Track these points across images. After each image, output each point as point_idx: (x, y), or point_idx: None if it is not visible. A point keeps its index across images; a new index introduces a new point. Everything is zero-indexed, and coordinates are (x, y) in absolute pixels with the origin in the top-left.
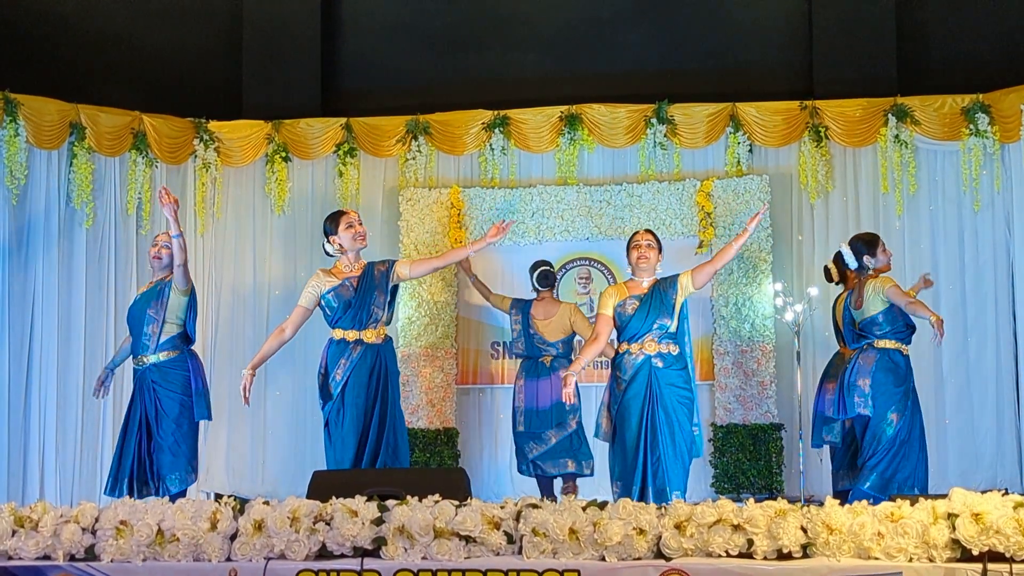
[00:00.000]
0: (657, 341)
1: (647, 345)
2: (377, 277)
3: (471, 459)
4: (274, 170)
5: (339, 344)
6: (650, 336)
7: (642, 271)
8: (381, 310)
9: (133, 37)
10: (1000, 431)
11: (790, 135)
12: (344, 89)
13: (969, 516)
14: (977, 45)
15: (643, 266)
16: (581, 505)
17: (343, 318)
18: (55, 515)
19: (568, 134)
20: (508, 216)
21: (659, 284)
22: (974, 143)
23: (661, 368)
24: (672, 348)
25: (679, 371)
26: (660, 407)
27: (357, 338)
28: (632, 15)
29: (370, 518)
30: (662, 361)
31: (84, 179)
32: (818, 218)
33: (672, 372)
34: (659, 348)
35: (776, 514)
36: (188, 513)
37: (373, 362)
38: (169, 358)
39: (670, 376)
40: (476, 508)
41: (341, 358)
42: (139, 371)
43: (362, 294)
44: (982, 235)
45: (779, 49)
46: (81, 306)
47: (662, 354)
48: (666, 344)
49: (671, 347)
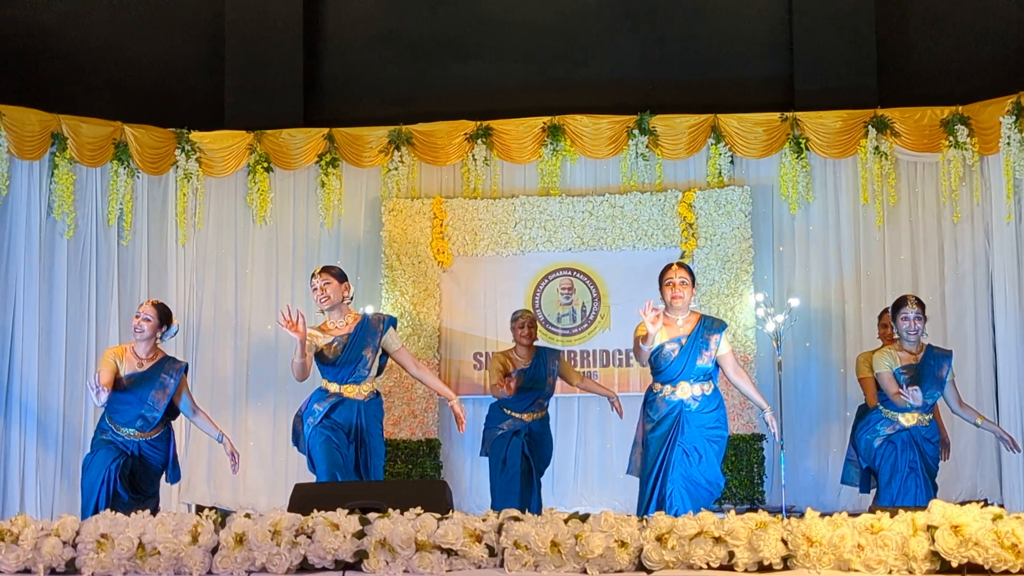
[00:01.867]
0: (692, 384)
1: (681, 389)
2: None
3: (453, 471)
4: (256, 180)
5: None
6: (686, 383)
7: (676, 310)
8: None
9: (115, 48)
10: (980, 443)
11: (771, 146)
12: (326, 100)
13: (948, 528)
14: (957, 57)
15: (678, 305)
16: (563, 518)
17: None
18: (36, 528)
19: (550, 145)
20: (491, 227)
21: (702, 326)
22: (954, 155)
23: (693, 411)
24: (707, 388)
25: (710, 413)
26: (679, 446)
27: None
28: (615, 27)
29: (352, 531)
30: (696, 403)
31: (65, 190)
32: (799, 229)
33: (704, 415)
34: (693, 391)
35: (757, 526)
36: (169, 526)
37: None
38: (156, 435)
39: (701, 419)
40: (458, 521)
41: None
42: (119, 438)
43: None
44: (962, 246)
45: (760, 61)
46: (62, 317)
47: (696, 396)
48: (701, 385)
49: (705, 387)
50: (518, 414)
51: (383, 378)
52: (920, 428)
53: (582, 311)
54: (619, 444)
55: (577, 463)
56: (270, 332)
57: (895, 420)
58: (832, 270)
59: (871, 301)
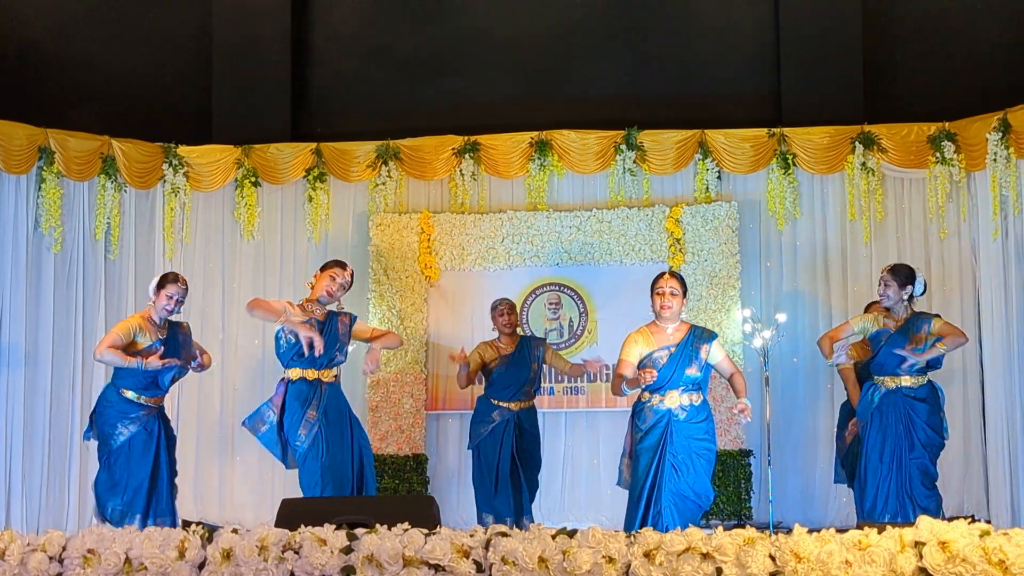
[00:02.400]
0: (681, 393)
1: (669, 398)
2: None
3: (441, 486)
4: (243, 195)
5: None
6: (675, 391)
7: (666, 320)
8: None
9: (102, 61)
10: (967, 459)
11: (758, 162)
12: (314, 114)
13: (936, 544)
14: (943, 74)
15: (666, 315)
16: (551, 533)
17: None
18: (22, 543)
19: (538, 160)
20: (478, 242)
21: (692, 335)
22: (940, 171)
23: (681, 421)
24: (695, 398)
25: (699, 423)
26: (669, 461)
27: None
28: (602, 42)
29: (339, 547)
30: (684, 413)
31: (53, 204)
32: (786, 245)
33: (692, 426)
34: (681, 400)
35: (745, 542)
36: (156, 542)
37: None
38: None
39: (690, 429)
40: (445, 536)
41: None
42: (153, 408)
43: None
44: (948, 262)
45: (747, 77)
46: (49, 331)
47: (684, 406)
48: (689, 395)
49: (694, 397)
50: (504, 403)
51: (371, 393)
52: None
53: (569, 326)
54: (606, 459)
55: (564, 478)
56: (257, 347)
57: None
58: (819, 286)
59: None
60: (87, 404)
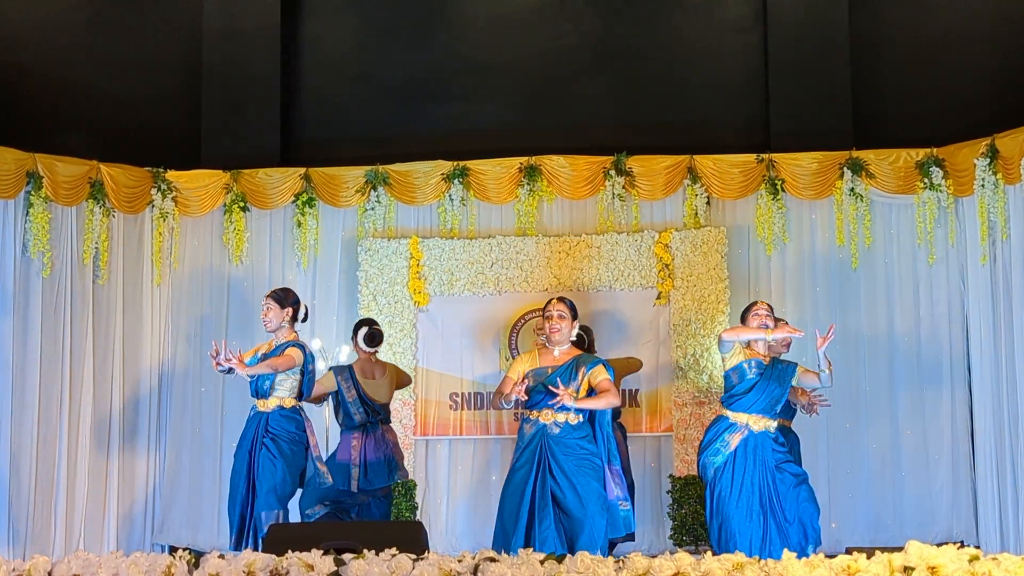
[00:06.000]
0: (555, 410)
1: (544, 414)
2: None
3: (429, 511)
4: (232, 220)
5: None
6: (550, 409)
7: (554, 343)
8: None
9: (91, 86)
10: (956, 483)
11: (747, 188)
12: (303, 139)
13: (925, 569)
14: (931, 100)
15: (556, 338)
16: (539, 559)
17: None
18: (7, 569)
19: (527, 185)
20: (467, 267)
21: (577, 360)
22: (928, 197)
23: (557, 434)
24: (571, 417)
25: (579, 438)
26: (550, 477)
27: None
28: (591, 68)
29: (326, 572)
30: (558, 428)
31: (41, 229)
32: (775, 270)
33: (570, 439)
34: (555, 417)
35: (734, 567)
36: (142, 567)
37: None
38: None
39: (568, 442)
40: (433, 562)
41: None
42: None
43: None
44: (937, 288)
45: (736, 103)
46: (36, 356)
47: (558, 422)
48: (564, 413)
49: (569, 416)
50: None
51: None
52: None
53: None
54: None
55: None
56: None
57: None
58: (807, 311)
59: (845, 343)
60: (74, 429)
